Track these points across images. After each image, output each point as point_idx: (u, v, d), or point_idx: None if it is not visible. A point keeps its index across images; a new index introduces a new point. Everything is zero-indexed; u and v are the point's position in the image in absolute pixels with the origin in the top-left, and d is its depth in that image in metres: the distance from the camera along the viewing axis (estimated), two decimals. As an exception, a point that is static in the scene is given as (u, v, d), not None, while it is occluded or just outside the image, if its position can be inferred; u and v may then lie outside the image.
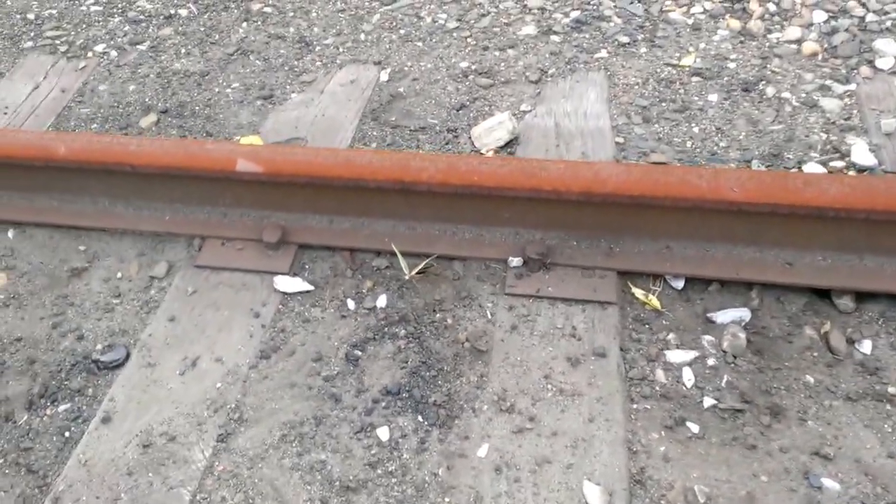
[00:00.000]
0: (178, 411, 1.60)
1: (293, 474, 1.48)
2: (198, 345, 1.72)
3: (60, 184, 1.98)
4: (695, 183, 1.65)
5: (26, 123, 2.40)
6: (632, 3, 2.61)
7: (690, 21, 2.55)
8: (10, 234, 2.03)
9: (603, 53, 2.43)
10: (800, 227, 1.65)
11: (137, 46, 2.71)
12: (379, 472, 1.47)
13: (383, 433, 1.53)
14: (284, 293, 1.81)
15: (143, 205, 1.97)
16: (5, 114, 2.45)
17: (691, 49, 2.42)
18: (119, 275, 1.91)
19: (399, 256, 1.80)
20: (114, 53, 2.69)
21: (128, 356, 1.72)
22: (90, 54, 2.70)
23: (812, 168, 1.96)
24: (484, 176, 1.70)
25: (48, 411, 1.64)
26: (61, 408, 1.64)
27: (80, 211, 2.00)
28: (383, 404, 1.58)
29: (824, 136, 2.06)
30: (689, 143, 2.09)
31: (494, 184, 1.70)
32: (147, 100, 2.46)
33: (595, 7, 2.63)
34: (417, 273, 1.78)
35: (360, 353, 1.68)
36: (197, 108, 2.41)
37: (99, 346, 1.76)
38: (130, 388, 1.65)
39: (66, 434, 1.60)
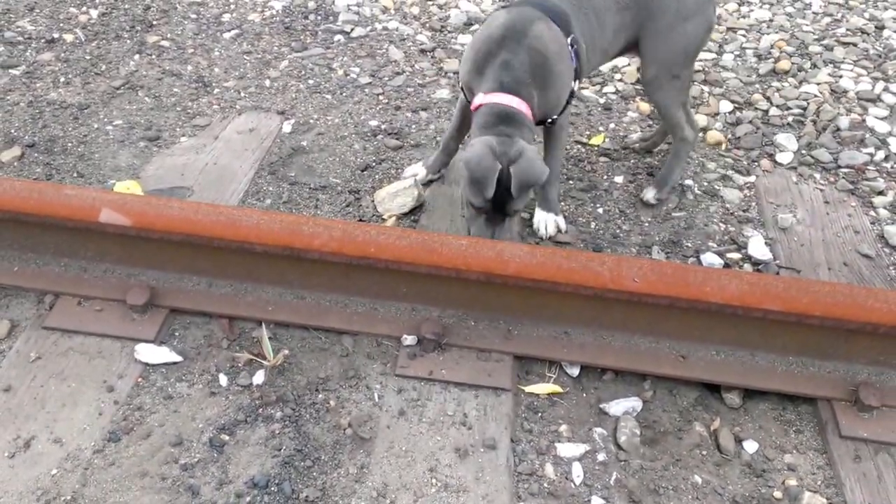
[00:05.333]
0: (2, 501, 1.40)
1: (132, 584, 1.32)
2: (35, 422, 1.53)
3: None
4: (597, 270, 1.67)
5: None
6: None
7: (602, 100, 2.65)
8: None
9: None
10: (697, 321, 1.69)
11: (10, 70, 2.52)
12: (235, 581, 1.34)
13: (245, 534, 1.40)
14: (146, 364, 1.65)
15: (-12, 252, 1.78)
16: None
17: (601, 128, 2.50)
18: (-52, 332, 1.70)
19: (264, 339, 1.68)
20: (-21, 76, 2.49)
21: (-55, 432, 1.51)
22: (-49, 76, 2.48)
23: (710, 258, 2.04)
24: (381, 248, 1.65)
25: None
26: None
27: None
28: (248, 499, 1.44)
29: (723, 226, 2.16)
30: (593, 224, 2.13)
31: (392, 257, 1.65)
32: (12, 130, 2.27)
33: (511, 76, 2.68)
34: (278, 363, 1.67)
35: (227, 437, 1.54)
36: (70, 144, 2.24)
37: None
38: (-57, 471, 1.44)
39: None
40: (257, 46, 2.75)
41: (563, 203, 2.17)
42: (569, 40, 1.85)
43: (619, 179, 2.28)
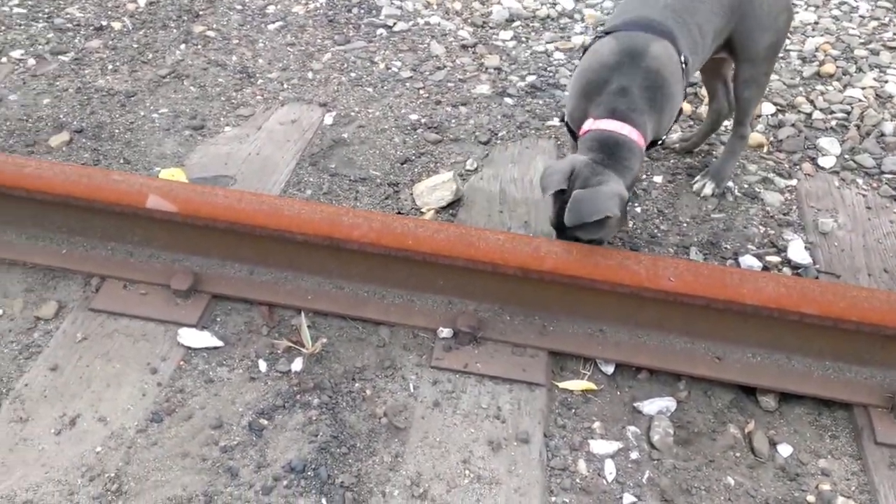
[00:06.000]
0: (48, 476, 1.45)
1: (173, 560, 1.35)
2: (80, 400, 1.58)
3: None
4: (633, 269, 1.66)
5: (-84, 128, 2.22)
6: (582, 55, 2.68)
7: None
8: None
9: (555, 121, 2.46)
10: (733, 323, 1.67)
11: (59, 56, 2.58)
12: (271, 562, 1.36)
13: (281, 517, 1.42)
14: (189, 348, 1.69)
15: (38, 234, 1.83)
16: None
17: None
18: None
19: (303, 327, 1.70)
20: (31, 61, 2.54)
21: (-3, 406, 1.56)
22: (4, 59, 2.54)
23: (748, 261, 2.01)
24: (419, 240, 1.66)
25: None
26: None
27: (-38, 236, 1.84)
28: (285, 483, 1.47)
29: (763, 229, 2.13)
30: (630, 223, 2.11)
31: (430, 250, 1.66)
32: (61, 116, 2.32)
33: (551, 74, 2.67)
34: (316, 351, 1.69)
35: (265, 421, 1.57)
36: (117, 130, 2.29)
37: (-39, 395, 1.59)
38: (-6, 445, 1.49)
39: (-88, 493, 1.42)
40: (301, 38, 2.78)
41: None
42: (681, 59, 1.77)
43: (658, 179, 2.27)
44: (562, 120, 2.41)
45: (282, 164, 2.20)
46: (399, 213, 2.07)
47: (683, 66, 1.78)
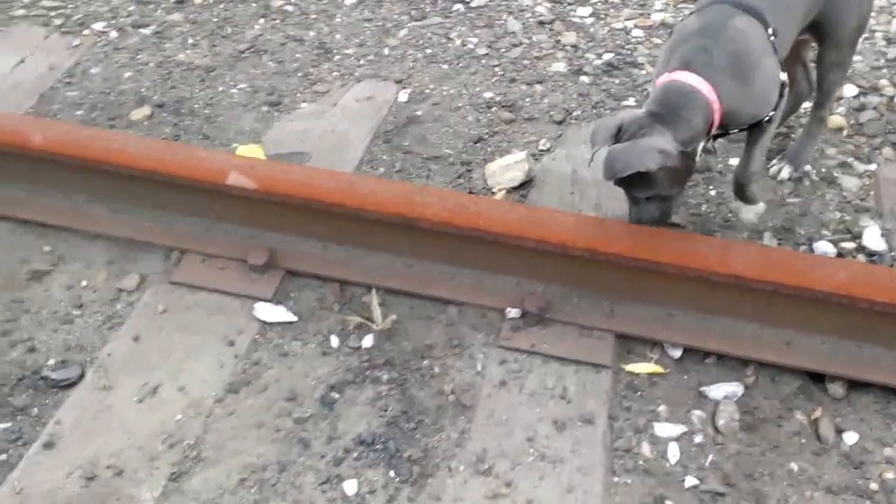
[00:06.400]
0: (130, 443, 1.52)
1: (249, 524, 1.41)
2: (161, 370, 1.64)
3: (32, 174, 1.90)
4: (704, 253, 1.65)
5: (5, 101, 2.30)
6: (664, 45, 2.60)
7: None
8: (-32, 225, 1.95)
9: (631, 101, 2.40)
10: (803, 309, 1.64)
11: (141, 30, 2.65)
12: (341, 530, 1.41)
13: (350, 487, 1.46)
14: (264, 322, 1.74)
15: (122, 207, 1.90)
16: (-16, 88, 2.37)
17: None
18: (84, 283, 1.83)
19: (374, 303, 1.73)
20: (114, 34, 2.62)
21: (82, 375, 1.63)
22: (87, 32, 2.62)
23: (823, 247, 1.96)
24: (491, 220, 1.67)
25: (-17, 431, 1.55)
26: (0, 426, 1.55)
27: (51, 206, 1.92)
28: (355, 455, 1.52)
29: (839, 214, 2.05)
30: (704, 207, 2.06)
31: (500, 230, 1.67)
32: (143, 90, 2.39)
33: (629, 52, 2.60)
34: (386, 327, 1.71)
35: (337, 395, 1.61)
36: (196, 106, 2.35)
37: (51, 361, 1.66)
38: (80, 411, 1.57)
39: (3, 457, 1.50)
40: (377, 14, 2.78)
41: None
42: (769, 32, 1.70)
43: (734, 162, 2.20)
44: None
45: (356, 141, 2.22)
46: (470, 192, 2.07)
47: (772, 38, 1.71)
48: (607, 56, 2.58)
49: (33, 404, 1.59)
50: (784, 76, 1.77)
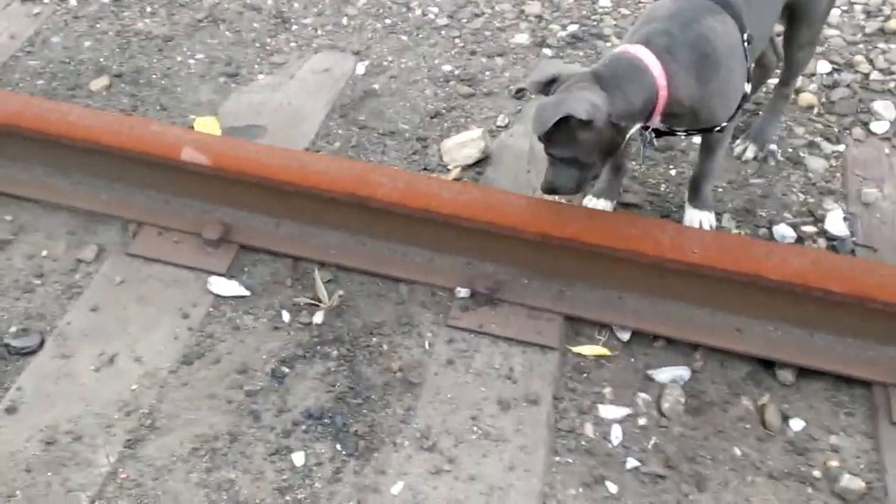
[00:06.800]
0: (88, 409, 1.61)
1: (199, 491, 1.51)
2: (118, 340, 1.73)
3: (-8, 145, 1.96)
4: (658, 238, 1.69)
5: (-34, 69, 2.36)
6: (633, 24, 2.61)
7: None
8: (-72, 194, 2.01)
9: (594, 76, 2.44)
10: (756, 296, 1.70)
11: (100, -3, 2.66)
12: (287, 498, 1.50)
13: (298, 458, 1.56)
14: (218, 295, 1.82)
15: (80, 179, 1.96)
16: (-55, 57, 2.41)
17: None
18: (44, 253, 1.90)
19: (318, 282, 1.80)
20: (73, 2, 2.64)
21: (42, 344, 1.72)
22: (47, 0, 2.64)
23: (782, 230, 2.00)
24: (442, 202, 1.73)
25: (-54, 396, 1.63)
26: (-38, 392, 1.64)
27: (12, 177, 1.99)
28: (303, 427, 1.60)
29: (802, 196, 2.11)
30: (663, 186, 2.12)
31: (451, 212, 1.72)
32: (102, 60, 2.43)
33: (595, 23, 2.63)
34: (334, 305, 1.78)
35: (287, 369, 1.70)
36: (154, 76, 2.38)
37: (13, 329, 1.75)
38: (41, 378, 1.66)
39: (-33, 420, 1.60)
40: (337, -20, 2.79)
41: (634, 162, 2.16)
42: (744, 37, 1.66)
43: (697, 139, 2.25)
44: None
45: (312, 114, 2.26)
46: (425, 169, 2.13)
47: (746, 44, 1.67)
48: (572, 27, 2.60)
49: (-4, 371, 1.67)
50: (748, 88, 1.73)
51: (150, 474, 1.52)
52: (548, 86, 1.61)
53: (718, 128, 1.73)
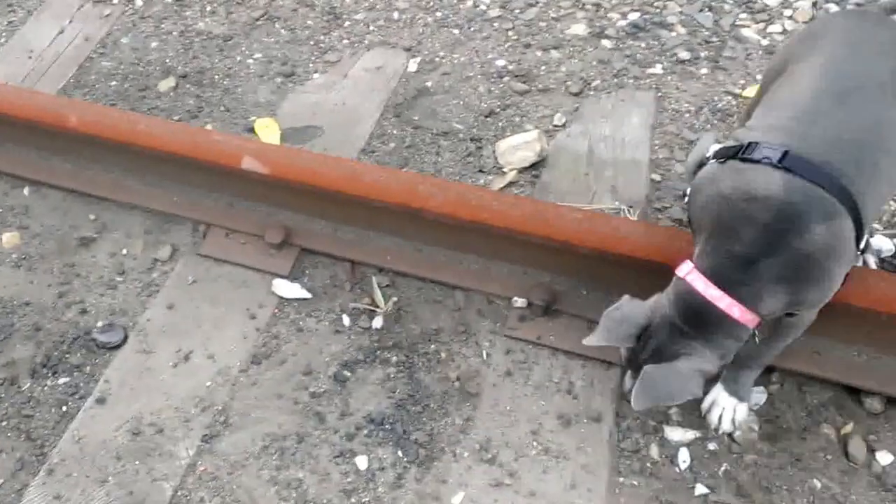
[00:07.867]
0: (168, 404, 1.70)
1: (270, 488, 1.59)
2: (192, 338, 1.81)
3: (75, 148, 2.04)
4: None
5: (49, 72, 2.44)
6: (702, 10, 2.45)
7: (765, 42, 2.37)
8: (27, 191, 2.11)
9: (657, 69, 2.32)
10: (836, 319, 1.52)
11: (162, -4, 2.68)
12: (353, 500, 1.57)
13: (362, 462, 1.61)
14: (282, 297, 1.87)
15: (154, 182, 2.02)
16: (30, 58, 2.49)
17: (759, 76, 2.25)
18: (125, 251, 1.98)
19: (375, 288, 1.82)
20: (139, 2, 2.67)
21: (125, 339, 1.82)
22: (115, 0, 2.68)
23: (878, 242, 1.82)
24: (494, 215, 1.72)
25: (49, 382, 1.75)
26: (61, 380, 1.75)
27: (93, 178, 2.07)
28: (365, 432, 1.65)
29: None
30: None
31: (504, 224, 1.71)
32: (168, 60, 2.46)
33: (658, 10, 2.48)
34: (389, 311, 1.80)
35: (349, 373, 1.75)
36: (217, 77, 2.41)
37: (100, 324, 1.84)
38: (125, 372, 1.75)
39: (64, 408, 1.71)
40: (387, -27, 2.73)
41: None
42: (856, 236, 1.32)
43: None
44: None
45: (366, 114, 2.26)
46: (481, 171, 2.11)
47: (859, 249, 1.37)
48: (633, 16, 2.47)
49: (86, 363, 1.78)
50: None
51: (226, 469, 1.61)
52: (639, 337, 1.40)
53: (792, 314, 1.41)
